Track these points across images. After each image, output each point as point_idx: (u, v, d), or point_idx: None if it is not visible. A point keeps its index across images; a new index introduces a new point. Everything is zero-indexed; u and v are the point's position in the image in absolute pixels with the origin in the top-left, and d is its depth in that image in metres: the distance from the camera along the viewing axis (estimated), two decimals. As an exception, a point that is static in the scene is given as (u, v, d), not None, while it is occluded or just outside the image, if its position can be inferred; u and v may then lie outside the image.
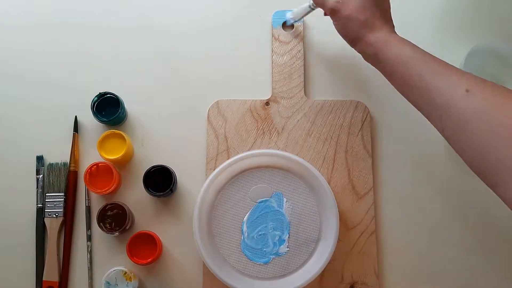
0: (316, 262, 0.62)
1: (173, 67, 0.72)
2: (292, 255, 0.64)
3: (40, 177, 0.68)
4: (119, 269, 0.63)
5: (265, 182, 0.66)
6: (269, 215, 0.65)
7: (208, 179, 0.63)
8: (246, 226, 0.65)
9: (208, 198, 0.64)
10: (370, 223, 0.66)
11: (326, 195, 0.62)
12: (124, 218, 0.63)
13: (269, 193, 0.66)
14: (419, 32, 0.74)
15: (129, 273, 0.63)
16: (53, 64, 0.72)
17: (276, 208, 0.65)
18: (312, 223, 0.65)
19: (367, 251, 0.65)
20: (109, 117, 0.66)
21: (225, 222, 0.65)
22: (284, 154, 0.64)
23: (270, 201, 0.65)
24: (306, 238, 0.64)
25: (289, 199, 0.65)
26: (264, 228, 0.65)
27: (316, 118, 0.69)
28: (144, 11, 0.74)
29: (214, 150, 0.68)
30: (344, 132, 0.69)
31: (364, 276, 0.64)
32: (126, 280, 0.63)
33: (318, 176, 0.63)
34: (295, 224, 0.65)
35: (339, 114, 0.69)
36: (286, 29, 0.73)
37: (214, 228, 0.65)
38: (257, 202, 0.65)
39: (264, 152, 0.65)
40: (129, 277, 0.63)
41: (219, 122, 0.69)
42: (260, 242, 0.64)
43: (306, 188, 0.65)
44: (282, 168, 0.66)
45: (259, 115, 0.69)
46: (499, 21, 0.74)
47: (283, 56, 0.71)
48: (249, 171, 0.66)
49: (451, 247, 0.67)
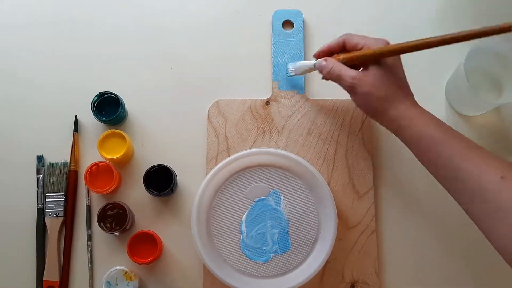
0: (316, 259, 0.62)
1: (173, 67, 0.72)
2: (292, 253, 0.64)
3: (41, 176, 0.67)
4: (120, 269, 0.63)
5: (263, 181, 0.66)
6: (267, 214, 0.65)
7: (205, 178, 0.63)
8: (244, 226, 0.65)
9: (206, 198, 0.64)
10: (370, 222, 0.66)
11: (324, 193, 0.63)
12: (125, 218, 0.63)
13: (266, 191, 0.66)
14: (419, 31, 0.73)
15: (130, 272, 0.63)
16: (53, 64, 0.72)
17: (274, 206, 0.65)
18: (311, 221, 0.65)
19: (368, 250, 0.65)
20: (109, 116, 0.66)
21: (224, 222, 0.65)
22: (281, 153, 0.64)
23: (267, 200, 0.65)
24: (305, 236, 0.64)
25: (286, 197, 0.65)
26: (263, 227, 0.65)
27: (316, 118, 0.69)
28: (144, 11, 0.74)
29: (214, 149, 0.68)
30: (344, 132, 0.69)
31: (364, 275, 0.65)
32: (126, 280, 0.63)
33: (315, 173, 0.63)
34: (293, 221, 0.65)
35: (339, 113, 0.69)
36: (286, 28, 0.73)
37: (212, 228, 0.65)
38: (255, 201, 0.65)
39: (261, 150, 0.65)
40: (129, 277, 0.63)
41: (219, 122, 0.69)
42: (259, 241, 0.64)
43: (304, 186, 0.65)
44: (280, 167, 0.66)
45: (259, 114, 0.69)
46: (499, 21, 0.74)
47: (283, 55, 0.71)
48: (248, 170, 0.66)
49: (452, 246, 0.67)
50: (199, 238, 0.61)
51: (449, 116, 0.71)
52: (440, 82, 0.72)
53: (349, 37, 0.60)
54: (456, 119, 0.71)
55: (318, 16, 0.74)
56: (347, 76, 0.58)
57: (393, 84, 0.57)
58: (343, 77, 0.58)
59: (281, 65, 0.71)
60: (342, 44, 0.61)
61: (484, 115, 0.70)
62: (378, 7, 0.75)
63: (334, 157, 0.68)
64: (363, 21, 0.75)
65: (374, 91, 0.56)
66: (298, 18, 0.73)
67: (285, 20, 0.73)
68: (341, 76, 0.58)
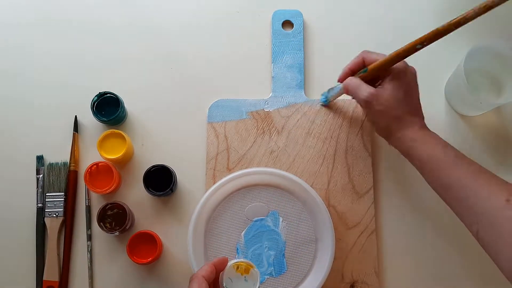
0: (312, 282, 0.61)
1: (173, 67, 0.72)
2: (287, 276, 0.63)
3: (40, 176, 0.67)
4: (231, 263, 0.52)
5: (261, 200, 0.65)
6: (265, 234, 0.64)
7: (206, 193, 0.62)
8: (241, 245, 0.64)
9: (204, 213, 0.63)
10: (370, 222, 0.66)
11: (325, 221, 0.62)
12: (124, 218, 0.63)
13: (265, 212, 0.65)
14: (419, 31, 0.74)
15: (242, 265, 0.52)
16: (53, 63, 0.72)
17: (272, 227, 0.65)
18: (308, 246, 0.64)
19: (367, 250, 0.65)
20: (109, 116, 0.66)
21: (221, 239, 0.64)
22: (284, 174, 0.63)
23: (266, 220, 0.65)
24: (301, 260, 0.64)
25: (285, 219, 0.65)
26: (260, 248, 0.64)
27: (316, 117, 0.69)
28: (144, 11, 0.75)
29: (214, 149, 0.68)
30: (344, 132, 0.69)
31: (364, 275, 0.64)
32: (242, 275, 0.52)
33: (316, 199, 0.62)
34: (291, 244, 0.64)
35: (339, 113, 0.69)
36: (286, 29, 0.73)
37: (209, 245, 0.64)
38: (253, 221, 0.65)
39: (264, 170, 0.64)
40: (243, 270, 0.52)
41: (219, 122, 0.69)
42: (254, 261, 0.63)
43: (304, 209, 0.65)
44: (282, 188, 0.65)
45: (259, 114, 0.69)
46: (499, 21, 0.74)
47: (283, 55, 0.71)
48: (248, 189, 0.65)
49: (452, 246, 0.67)
50: (194, 257, 0.60)
51: (449, 116, 0.71)
52: (440, 82, 0.72)
53: (367, 54, 0.61)
54: (456, 119, 0.71)
55: (318, 16, 0.74)
56: (365, 91, 0.59)
57: (407, 105, 0.58)
58: (360, 92, 0.59)
59: (281, 65, 0.71)
60: (361, 62, 0.61)
61: (484, 115, 0.70)
62: (378, 7, 0.75)
63: (334, 157, 0.68)
64: (362, 21, 0.75)
65: (388, 110, 0.58)
66: (298, 18, 0.73)
67: (284, 20, 0.73)
68: (358, 91, 0.59)
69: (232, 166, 0.67)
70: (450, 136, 0.69)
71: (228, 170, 0.67)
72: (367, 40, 0.73)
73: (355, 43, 0.72)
